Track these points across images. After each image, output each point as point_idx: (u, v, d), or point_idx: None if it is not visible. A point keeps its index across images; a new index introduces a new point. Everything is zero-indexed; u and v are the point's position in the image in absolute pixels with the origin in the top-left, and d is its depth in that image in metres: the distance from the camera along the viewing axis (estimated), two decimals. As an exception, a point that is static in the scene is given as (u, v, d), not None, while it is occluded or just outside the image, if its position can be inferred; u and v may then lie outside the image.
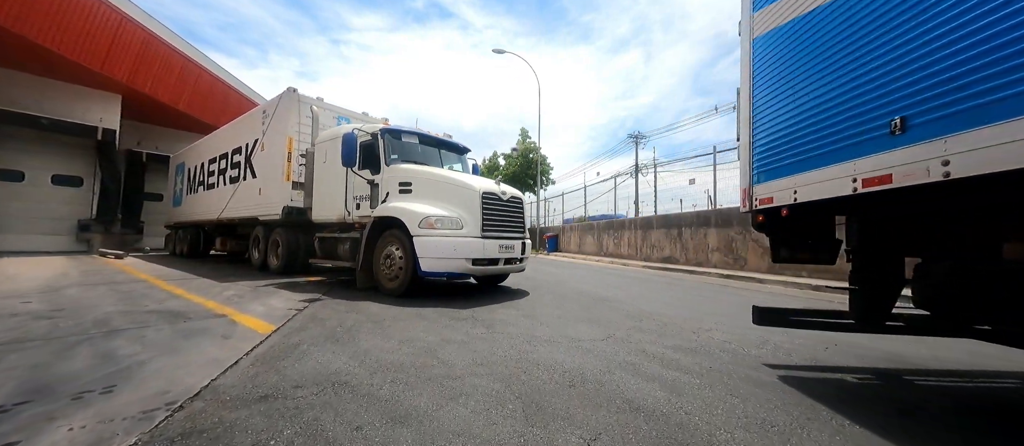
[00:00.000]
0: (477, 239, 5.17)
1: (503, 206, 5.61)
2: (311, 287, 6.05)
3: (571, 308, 4.81)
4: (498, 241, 5.40)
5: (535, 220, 23.89)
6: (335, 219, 6.59)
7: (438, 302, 4.88)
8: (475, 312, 4.34)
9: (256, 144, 8.83)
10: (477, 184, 5.41)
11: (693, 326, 4.01)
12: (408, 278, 5.17)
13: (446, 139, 7.02)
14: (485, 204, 5.32)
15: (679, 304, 5.39)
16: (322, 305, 4.56)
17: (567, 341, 3.27)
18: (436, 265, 4.99)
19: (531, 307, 4.78)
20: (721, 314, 4.74)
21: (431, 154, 6.58)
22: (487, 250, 5.23)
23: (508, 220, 5.68)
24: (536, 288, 6.48)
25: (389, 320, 3.84)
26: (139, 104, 15.43)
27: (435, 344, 3.04)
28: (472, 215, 5.24)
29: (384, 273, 5.45)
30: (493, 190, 5.50)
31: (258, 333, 3.22)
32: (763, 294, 6.87)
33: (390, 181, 5.80)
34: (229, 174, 10.03)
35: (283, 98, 8.01)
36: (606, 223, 17.80)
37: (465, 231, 5.15)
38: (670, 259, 12.88)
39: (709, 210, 11.70)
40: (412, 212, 5.18)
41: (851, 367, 2.86)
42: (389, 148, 6.02)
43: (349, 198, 6.36)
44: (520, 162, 25.92)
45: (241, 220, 9.28)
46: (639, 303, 5.32)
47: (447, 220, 5.10)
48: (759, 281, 8.75)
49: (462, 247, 5.03)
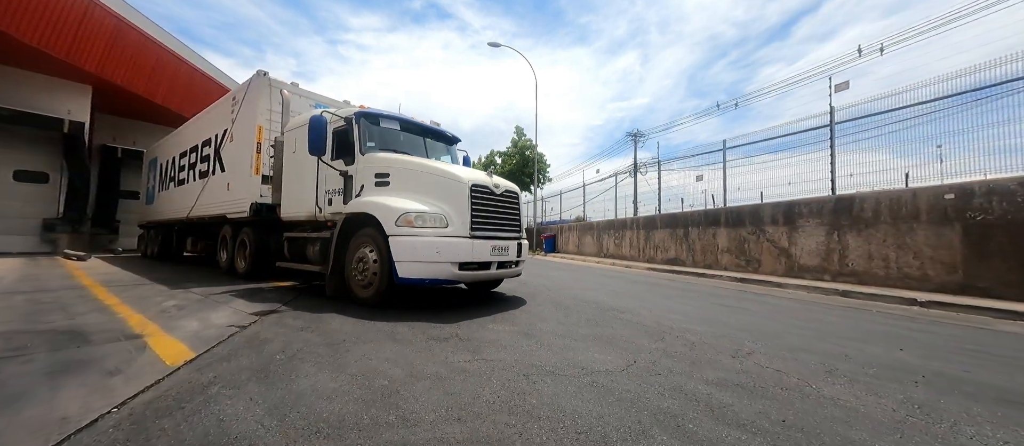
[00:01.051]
0: (465, 239, 4.38)
1: (496, 201, 4.83)
2: (275, 295, 5.24)
3: (577, 322, 4.04)
4: (490, 242, 4.62)
5: (532, 219, 23.11)
6: (305, 216, 5.78)
7: (418, 314, 4.09)
8: (461, 328, 3.55)
9: (225, 135, 7.99)
10: (465, 175, 4.62)
11: (728, 347, 3.24)
12: (383, 286, 4.37)
13: (433, 127, 6.22)
14: (475, 198, 4.54)
15: (701, 315, 4.63)
16: (275, 320, 3.76)
17: (577, 373, 2.49)
18: (416, 270, 4.20)
19: (529, 321, 4.00)
20: (754, 329, 3.98)
21: (415, 143, 5.78)
22: (477, 252, 4.45)
23: (502, 217, 4.89)
24: (534, 295, 5.70)
25: (350, 342, 3.04)
26: (113, 96, 14.51)
27: (400, 381, 2.26)
28: (459, 211, 4.45)
29: (356, 279, 4.65)
30: (484, 183, 4.72)
31: (165, 365, 2.42)
32: (791, 301, 6.12)
33: (365, 172, 5.00)
34: (198, 168, 9.19)
35: (252, 82, 7.18)
36: (606, 223, 17.05)
37: (451, 230, 4.36)
38: (676, 261, 12.14)
39: (718, 208, 10.96)
40: (387, 207, 4.38)
41: (978, 412, 2.09)
42: (365, 134, 5.21)
43: (321, 193, 5.55)
44: (516, 159, 25.14)
45: (210, 218, 8.42)
46: (655, 313, 4.55)
47: (429, 217, 4.31)
48: (778, 285, 8.01)
49: (447, 249, 4.24)
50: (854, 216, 7.60)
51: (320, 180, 5.56)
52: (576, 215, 22.68)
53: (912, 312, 5.48)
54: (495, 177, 4.99)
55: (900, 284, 6.84)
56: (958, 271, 6.20)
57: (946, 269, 6.33)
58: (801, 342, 3.52)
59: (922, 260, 6.61)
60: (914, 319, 4.94)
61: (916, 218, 6.71)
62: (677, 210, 13.38)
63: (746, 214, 9.89)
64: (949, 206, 6.34)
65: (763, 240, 9.38)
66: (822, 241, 8.11)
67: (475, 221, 4.51)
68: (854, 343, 3.55)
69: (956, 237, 6.25)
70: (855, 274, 7.50)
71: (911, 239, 6.76)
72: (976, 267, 6.03)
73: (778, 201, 9.20)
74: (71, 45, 11.88)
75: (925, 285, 6.51)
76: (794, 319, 4.67)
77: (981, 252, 5.99)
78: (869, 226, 7.36)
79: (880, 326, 4.43)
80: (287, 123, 6.42)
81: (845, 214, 7.76)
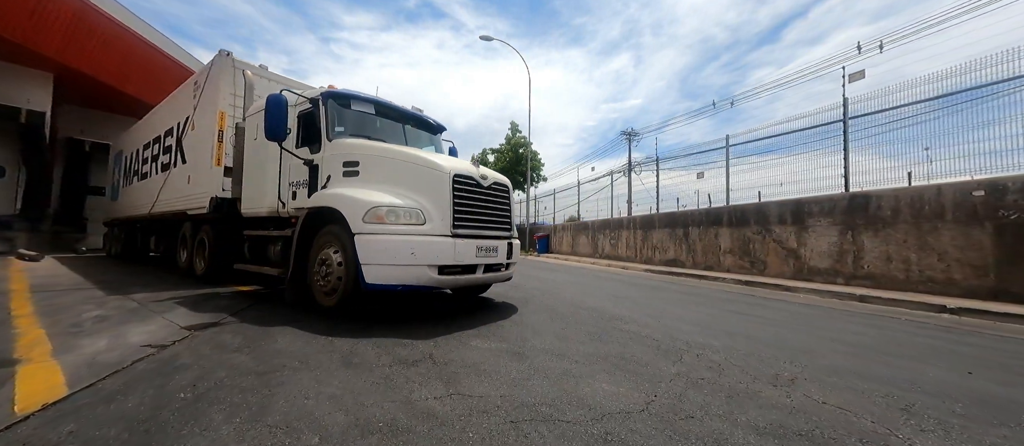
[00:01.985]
0: (446, 239, 3.73)
1: (483, 195, 4.19)
2: (229, 302, 4.55)
3: (576, 335, 3.41)
4: (475, 241, 3.98)
5: (524, 219, 22.49)
6: (266, 212, 5.09)
7: (388, 326, 3.44)
8: (437, 346, 2.91)
9: (187, 123, 7.24)
10: (446, 164, 3.97)
11: (762, 369, 2.64)
12: (349, 292, 3.71)
13: (414, 112, 5.55)
14: (458, 191, 3.89)
15: (714, 324, 4.03)
16: (209, 337, 3.08)
17: (583, 416, 1.87)
18: (386, 275, 3.54)
19: (520, 334, 3.36)
20: (780, 343, 3.39)
21: (393, 131, 5.11)
22: (460, 254, 3.80)
23: (490, 214, 4.25)
24: (526, 300, 5.07)
25: (291, 368, 2.38)
26: (78, 85, 13.59)
27: (337, 437, 1.61)
28: (439, 206, 3.81)
29: (319, 285, 3.97)
30: (469, 173, 4.07)
31: (9, 413, 1.74)
32: (806, 307, 5.56)
33: (332, 161, 4.33)
34: (161, 160, 8.41)
35: (214, 63, 6.45)
36: (602, 222, 16.49)
37: (429, 228, 3.71)
38: (675, 262, 11.59)
39: (721, 207, 10.43)
40: (354, 200, 3.72)
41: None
42: (333, 118, 4.54)
43: (284, 185, 4.86)
44: (509, 157, 24.50)
45: (171, 215, 7.65)
46: (663, 323, 3.95)
47: (403, 212, 3.66)
48: (787, 289, 7.47)
49: (424, 250, 3.59)
50: (870, 215, 7.09)
51: (283, 171, 4.88)
52: (570, 215, 22.12)
53: (942, 320, 4.95)
54: (482, 168, 4.35)
55: (922, 288, 6.32)
56: (989, 275, 5.68)
57: (975, 272, 5.82)
58: (844, 362, 2.94)
59: (947, 262, 6.10)
60: (950, 329, 4.40)
61: (940, 217, 6.20)
62: (676, 209, 12.84)
63: (751, 213, 9.36)
64: (978, 204, 5.83)
65: (769, 240, 8.85)
66: (834, 242, 7.59)
67: (458, 218, 3.87)
68: (908, 363, 2.97)
69: (986, 238, 5.74)
70: (871, 277, 6.98)
71: (935, 240, 6.25)
72: (1009, 271, 5.52)
73: (786, 199, 8.68)
74: (28, 28, 10.98)
75: (951, 290, 6.00)
76: (819, 329, 4.10)
77: (1015, 254, 5.48)
78: (887, 226, 6.85)
79: (920, 338, 3.87)
80: (249, 107, 5.71)
81: (860, 213, 7.24)
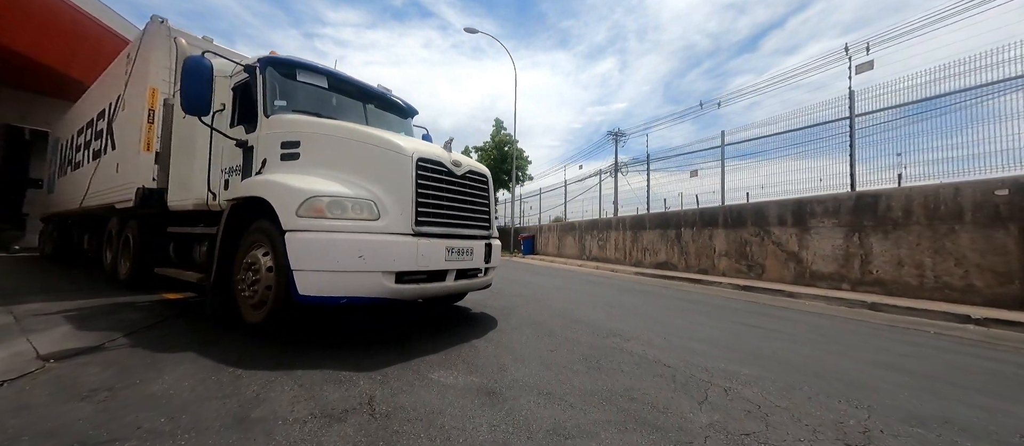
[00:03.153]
0: (405, 238, 2.96)
1: (455, 185, 3.43)
2: (137, 315, 3.66)
3: (570, 363, 2.69)
4: (445, 242, 3.22)
5: (509, 219, 21.75)
6: (192, 205, 4.22)
7: (325, 349, 2.65)
8: (383, 382, 2.14)
9: (118, 102, 6.27)
10: (409, 145, 3.20)
11: (822, 415, 1.96)
12: (278, 306, 2.90)
13: (379, 90, 4.75)
14: (423, 180, 3.13)
15: (731, 343, 3.36)
16: (66, 372, 2.24)
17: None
18: (326, 284, 2.75)
19: (497, 363, 2.62)
20: (819, 369, 2.73)
21: (350, 111, 4.29)
22: (424, 257, 3.04)
23: (464, 208, 3.50)
24: (508, 311, 4.33)
25: (145, 435, 1.59)
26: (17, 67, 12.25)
27: None
28: (398, 198, 3.03)
29: (244, 295, 3.14)
30: (437, 158, 3.31)
31: None
32: (818, 317, 4.96)
33: (268, 141, 3.50)
34: (93, 147, 7.35)
35: (146, 32, 5.53)
36: (589, 223, 15.87)
37: (383, 224, 2.93)
38: (666, 265, 11.02)
39: (716, 207, 9.89)
40: (286, 188, 2.91)
41: None
42: (272, 89, 3.70)
43: (215, 172, 4.01)
44: (494, 155, 23.72)
45: (100, 208, 6.64)
46: (671, 342, 3.26)
47: (350, 203, 2.87)
48: (790, 295, 6.93)
49: (376, 251, 2.81)
50: (879, 216, 6.59)
51: (214, 155, 4.02)
52: (555, 216, 21.50)
53: (971, 333, 4.41)
54: (456, 153, 3.59)
55: (938, 296, 5.83)
56: (1014, 282, 5.21)
57: (999, 279, 5.34)
58: (915, 401, 2.28)
59: (966, 268, 5.61)
60: (994, 345, 3.84)
61: (958, 218, 5.72)
62: (671, 209, 12.29)
63: (748, 213, 8.83)
64: (1002, 204, 5.36)
65: (768, 242, 8.32)
66: (840, 244, 7.08)
67: (423, 212, 3.10)
68: (990, 400, 2.33)
69: (1011, 241, 5.27)
70: (880, 283, 6.48)
71: (952, 243, 5.77)
72: (1037, 277, 5.06)
73: (786, 198, 8.17)
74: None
75: (971, 298, 5.52)
76: (852, 348, 3.47)
77: (1044, 259, 5.02)
78: (898, 227, 6.36)
79: (972, 359, 3.27)
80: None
81: (868, 213, 6.74)
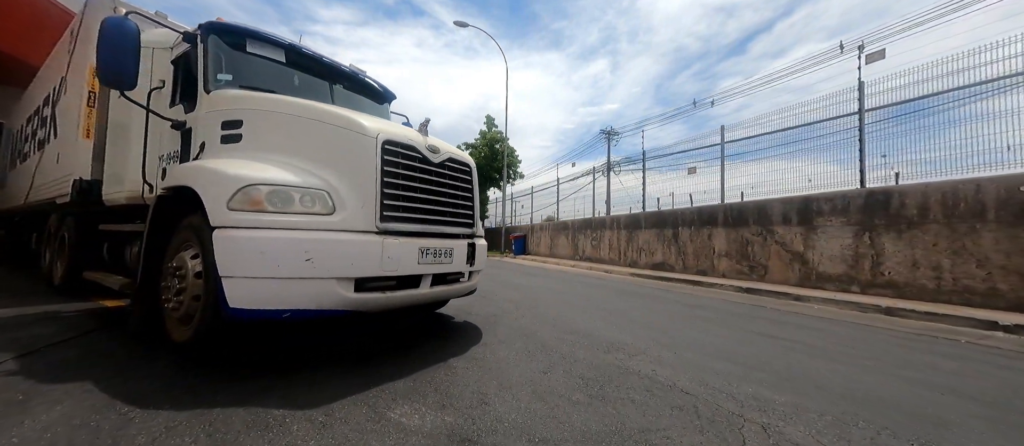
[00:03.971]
0: (367, 237, 2.42)
1: (432, 175, 2.90)
2: (49, 329, 3.07)
3: (567, 391, 2.17)
4: (418, 242, 2.68)
5: (500, 218, 21.23)
6: (125, 198, 3.63)
7: (261, 377, 2.10)
8: (324, 430, 1.61)
9: (62, 85, 5.62)
10: (374, 125, 2.65)
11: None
12: (206, 321, 2.33)
13: (350, 70, 4.18)
14: (391, 167, 2.59)
15: (761, 363, 2.89)
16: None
17: None
18: (263, 294, 2.19)
19: (478, 391, 2.10)
20: (877, 398, 2.26)
21: (315, 91, 3.71)
22: (392, 260, 2.50)
23: (442, 202, 2.97)
24: (496, 320, 3.81)
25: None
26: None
27: None
28: (359, 188, 2.49)
29: (169, 307, 2.57)
30: (410, 142, 2.77)
31: None
32: (831, 323, 4.52)
33: (208, 121, 2.93)
34: (38, 136, 6.67)
35: (89, 5, 4.86)
36: (583, 222, 15.42)
37: (340, 219, 2.39)
38: (663, 265, 10.60)
39: (715, 205, 9.48)
40: (217, 174, 2.35)
41: None
42: (216, 61, 3.13)
43: (151, 160, 3.42)
44: (485, 152, 23.17)
45: (42, 204, 5.96)
46: (687, 361, 2.78)
47: (297, 194, 2.32)
48: (797, 298, 6.51)
49: (329, 253, 2.27)
50: (892, 214, 6.20)
51: (152, 140, 3.43)
52: (547, 215, 21.04)
53: (1001, 340, 4.00)
54: (434, 138, 3.06)
55: (957, 299, 5.45)
56: (1043, 285, 4.84)
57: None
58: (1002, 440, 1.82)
59: (989, 270, 5.23)
60: (1038, 358, 3.42)
61: (980, 216, 5.34)
62: (667, 208, 11.87)
63: (750, 212, 8.42)
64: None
65: (771, 242, 7.92)
66: (849, 244, 6.69)
67: (390, 205, 2.56)
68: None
69: (1039, 241, 4.90)
70: (893, 286, 6.09)
71: (973, 243, 5.38)
72: (1068, 280, 4.68)
73: (791, 196, 7.77)
74: None
75: (995, 301, 5.14)
76: (887, 363, 3.02)
77: (1076, 261, 4.65)
78: (913, 226, 5.97)
79: None
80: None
81: (879, 211, 6.35)
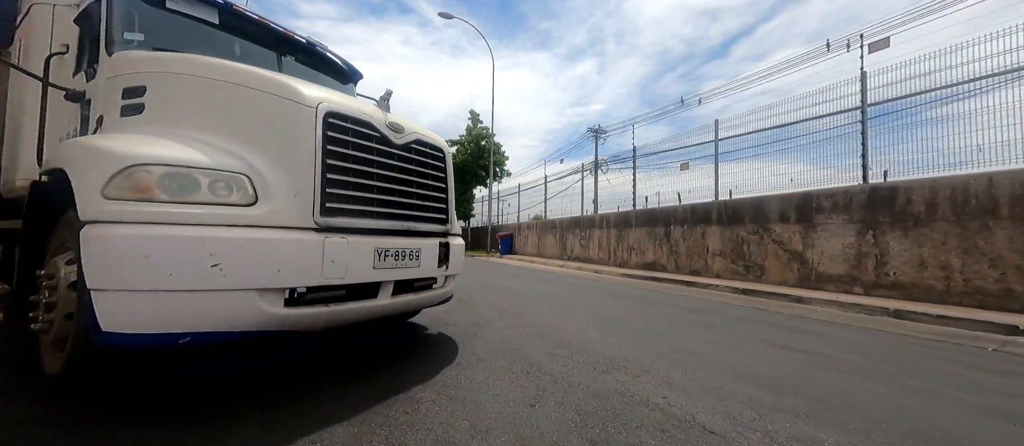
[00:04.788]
0: (303, 235, 1.87)
1: (394, 160, 2.36)
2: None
3: (561, 438, 1.66)
4: (373, 240, 2.14)
5: (486, 217, 20.68)
6: (20, 187, 2.98)
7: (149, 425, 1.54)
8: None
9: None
10: (313, 94, 2.09)
11: None
12: (80, 349, 1.75)
13: (306, 41, 3.58)
14: (337, 146, 2.04)
15: (791, 384, 2.42)
16: None
17: None
18: (150, 314, 1.61)
19: (445, 440, 1.57)
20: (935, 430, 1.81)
21: (257, 62, 3.12)
22: (338, 263, 1.95)
23: (407, 192, 2.43)
24: (475, 331, 3.28)
25: None
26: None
27: None
28: (291, 172, 1.93)
29: (38, 327, 1.96)
30: (363, 116, 2.21)
31: None
32: (839, 327, 4.12)
33: (109, 90, 2.32)
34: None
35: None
36: (571, 221, 14.99)
37: (264, 211, 1.82)
38: (655, 265, 10.21)
39: (709, 202, 9.12)
40: (94, 152, 1.76)
41: None
42: (123, 16, 2.52)
43: (52, 140, 2.79)
44: (471, 149, 22.58)
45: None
46: (702, 384, 2.30)
47: (204, 178, 1.74)
48: (798, 300, 6.15)
49: (245, 256, 1.70)
50: (897, 211, 5.88)
51: (51, 116, 2.79)
52: (535, 214, 20.60)
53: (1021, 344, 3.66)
54: (396, 115, 2.51)
55: (969, 301, 5.14)
56: (1062, 286, 4.55)
57: (1044, 283, 4.67)
58: None
59: (1002, 270, 4.93)
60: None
61: (993, 213, 5.04)
62: (659, 205, 11.50)
63: (746, 209, 8.07)
64: (1046, 196, 4.70)
65: (768, 241, 7.57)
66: (851, 243, 6.36)
67: (335, 195, 2.01)
68: None
69: (1058, 239, 4.61)
70: (899, 286, 5.77)
71: (985, 241, 5.08)
72: (1090, 280, 4.39)
73: (789, 193, 7.44)
74: None
75: (1010, 303, 4.83)
76: (927, 379, 2.59)
77: (1099, 260, 4.36)
78: (920, 224, 5.65)
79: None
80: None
81: (884, 208, 6.03)
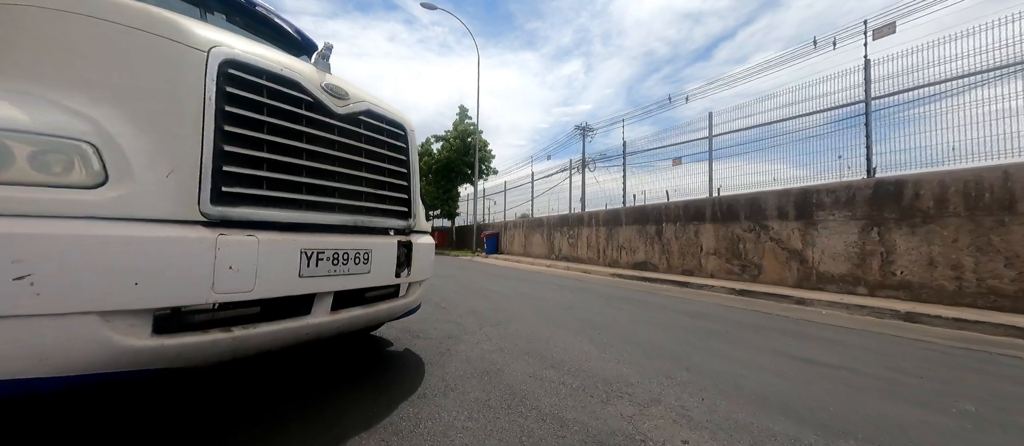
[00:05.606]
0: (183, 230, 1.30)
1: (332, 132, 1.81)
2: None
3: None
4: (299, 238, 1.59)
5: (471, 216, 20.11)
6: None
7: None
8: None
9: None
10: (205, 34, 1.51)
11: None
12: None
13: (260, 7, 2.99)
14: (241, 105, 1.48)
15: (829, 411, 1.96)
16: None
17: None
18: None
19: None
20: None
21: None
22: (238, 272, 1.39)
23: (350, 176, 1.89)
24: (448, 345, 2.75)
25: None
26: None
27: None
28: (165, 138, 1.35)
29: None
30: (281, 71, 1.65)
31: None
32: (849, 333, 3.72)
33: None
34: None
35: None
36: (559, 219, 14.54)
37: (117, 196, 1.24)
38: (646, 265, 9.81)
39: (703, 199, 8.75)
40: None
41: None
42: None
43: None
44: (458, 145, 21.98)
45: None
46: (724, 414, 1.81)
47: (18, 148, 1.14)
48: (799, 301, 5.77)
49: (74, 264, 1.13)
50: (905, 207, 5.55)
51: None
52: (521, 213, 20.13)
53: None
54: (338, 78, 1.97)
55: (982, 302, 4.82)
56: (1087, 286, 4.23)
57: (1066, 283, 4.36)
58: None
59: (1020, 269, 4.61)
60: None
61: (1008, 208, 4.72)
62: (650, 202, 11.11)
63: (742, 206, 7.71)
64: (1068, 190, 4.38)
65: (765, 239, 7.21)
66: (854, 241, 6.02)
67: (235, 174, 1.46)
68: None
69: (1082, 235, 4.29)
70: (907, 287, 5.44)
71: (1000, 239, 4.76)
72: (1118, 280, 4.08)
73: (788, 188, 7.08)
74: None
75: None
76: (983, 402, 2.16)
77: None
78: (929, 220, 5.32)
79: None
80: None
81: (890, 204, 5.70)
